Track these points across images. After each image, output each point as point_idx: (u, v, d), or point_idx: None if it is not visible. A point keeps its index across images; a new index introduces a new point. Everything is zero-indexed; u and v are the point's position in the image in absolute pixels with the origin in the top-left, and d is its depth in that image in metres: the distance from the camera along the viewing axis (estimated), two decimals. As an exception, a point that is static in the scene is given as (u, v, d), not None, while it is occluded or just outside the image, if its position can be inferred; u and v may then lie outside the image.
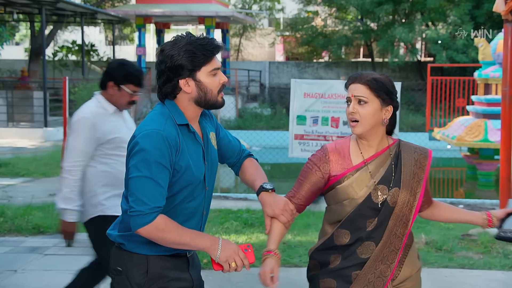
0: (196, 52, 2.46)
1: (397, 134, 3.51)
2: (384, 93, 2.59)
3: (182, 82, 2.50)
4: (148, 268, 2.53)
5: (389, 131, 2.73)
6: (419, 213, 2.78)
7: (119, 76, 3.75)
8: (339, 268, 2.64)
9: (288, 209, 2.67)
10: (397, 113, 2.74)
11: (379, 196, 2.59)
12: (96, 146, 3.70)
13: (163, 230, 2.41)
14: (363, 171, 2.61)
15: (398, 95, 9.07)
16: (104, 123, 3.71)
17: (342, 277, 2.63)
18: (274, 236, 2.68)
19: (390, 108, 2.62)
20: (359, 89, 2.58)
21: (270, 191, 2.66)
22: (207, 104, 2.55)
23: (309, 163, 2.71)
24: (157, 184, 2.41)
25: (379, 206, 2.59)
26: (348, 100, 2.61)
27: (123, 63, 3.81)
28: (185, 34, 2.53)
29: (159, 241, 2.44)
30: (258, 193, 2.68)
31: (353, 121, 2.59)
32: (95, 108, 3.79)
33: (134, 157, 2.43)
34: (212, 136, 2.71)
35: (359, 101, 2.57)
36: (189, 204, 2.56)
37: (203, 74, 2.50)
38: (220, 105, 2.56)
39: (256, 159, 2.90)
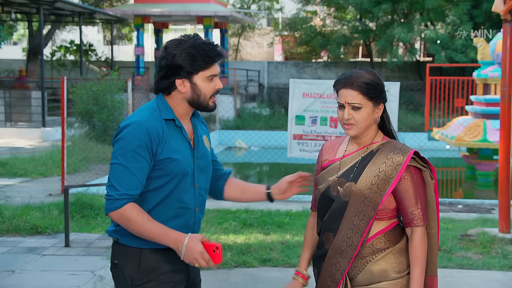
0: (197, 57, 2.56)
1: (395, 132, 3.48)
2: (376, 95, 2.61)
3: (178, 82, 2.60)
4: (141, 261, 2.60)
5: (382, 127, 2.71)
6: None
7: None
8: (315, 257, 2.76)
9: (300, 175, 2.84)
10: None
11: (338, 189, 2.65)
12: None
13: (129, 219, 2.50)
14: (335, 165, 2.70)
15: (397, 95, 8.99)
16: None
17: (318, 266, 2.73)
18: (305, 254, 2.84)
19: (381, 106, 2.66)
20: (352, 96, 2.58)
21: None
22: (199, 106, 2.65)
23: None
24: (130, 173, 2.51)
25: (334, 197, 2.65)
26: (342, 106, 2.62)
27: None
28: (191, 36, 2.61)
29: (127, 229, 2.54)
30: (268, 191, 2.86)
31: (347, 124, 2.62)
32: None
33: (115, 145, 2.56)
34: (205, 139, 2.78)
35: (353, 107, 2.59)
36: (179, 197, 2.62)
37: (199, 78, 2.60)
38: (210, 109, 2.67)
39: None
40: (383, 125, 2.71)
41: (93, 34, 36.88)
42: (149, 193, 2.59)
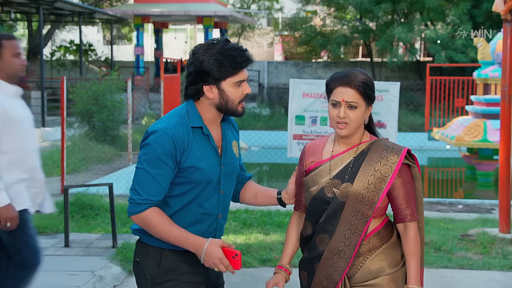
0: (225, 63, 2.53)
1: (395, 134, 3.48)
2: (370, 95, 2.65)
3: (206, 88, 2.59)
4: (161, 260, 2.64)
5: (367, 127, 2.74)
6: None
7: None
8: (306, 260, 2.75)
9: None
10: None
11: (333, 191, 2.65)
12: None
13: (149, 223, 2.55)
14: (325, 166, 2.70)
15: (397, 95, 8.95)
16: None
17: (308, 269, 2.73)
18: (288, 249, 2.84)
19: (371, 107, 2.69)
20: (350, 94, 2.60)
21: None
22: (228, 112, 2.64)
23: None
24: (153, 179, 2.54)
25: (330, 199, 2.65)
26: (337, 104, 2.63)
27: None
28: (220, 40, 2.59)
29: (148, 231, 2.59)
30: (279, 196, 2.86)
31: (341, 124, 2.62)
32: None
33: (141, 150, 2.60)
34: (235, 144, 2.78)
35: (349, 106, 2.61)
36: (202, 204, 2.64)
37: (227, 84, 2.58)
38: (239, 114, 2.65)
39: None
40: (368, 125, 2.75)
41: (93, 34, 36.87)
42: (172, 199, 2.62)
